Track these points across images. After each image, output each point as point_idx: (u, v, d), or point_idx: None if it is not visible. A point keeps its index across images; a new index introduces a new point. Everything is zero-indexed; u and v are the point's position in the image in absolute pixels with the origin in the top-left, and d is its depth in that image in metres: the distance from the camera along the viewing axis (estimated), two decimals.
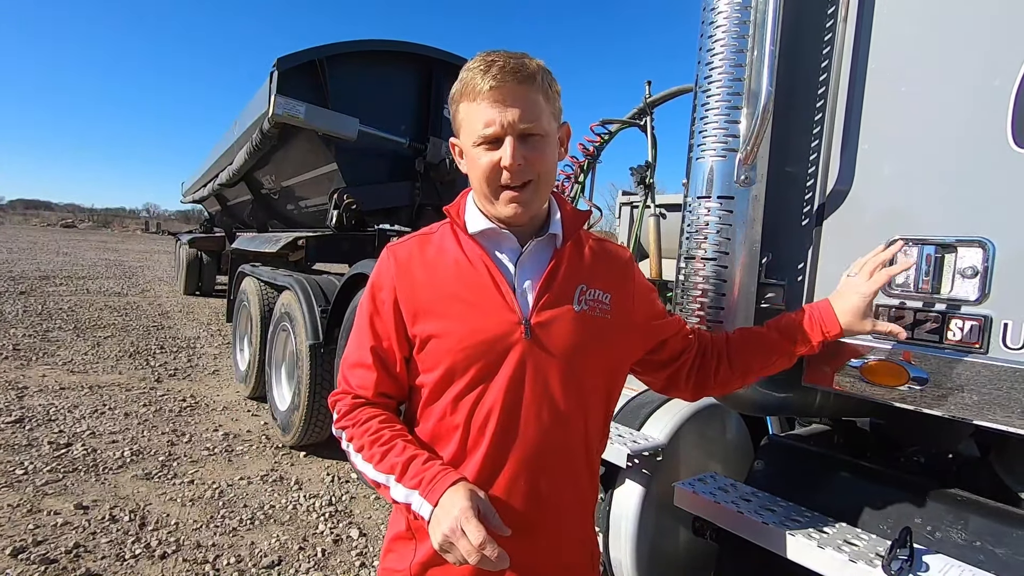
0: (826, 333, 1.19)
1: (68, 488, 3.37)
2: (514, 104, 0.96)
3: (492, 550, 0.82)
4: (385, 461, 0.98)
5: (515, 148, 0.97)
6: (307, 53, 4.30)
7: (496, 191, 1.01)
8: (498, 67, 0.96)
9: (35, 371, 5.76)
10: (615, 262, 1.16)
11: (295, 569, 2.77)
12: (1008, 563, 1.19)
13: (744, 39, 1.39)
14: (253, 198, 7.13)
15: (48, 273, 15.07)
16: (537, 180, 1.01)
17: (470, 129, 1.00)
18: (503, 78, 0.96)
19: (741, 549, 1.45)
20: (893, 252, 1.20)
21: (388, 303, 1.06)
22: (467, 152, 1.04)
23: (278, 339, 4.66)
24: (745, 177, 1.40)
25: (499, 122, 0.96)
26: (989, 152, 1.14)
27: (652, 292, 1.22)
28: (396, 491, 0.96)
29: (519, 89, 0.97)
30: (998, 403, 1.10)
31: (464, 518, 0.84)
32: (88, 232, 56.98)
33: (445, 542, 0.86)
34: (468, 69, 1.00)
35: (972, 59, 1.18)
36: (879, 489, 1.43)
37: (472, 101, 0.98)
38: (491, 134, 0.97)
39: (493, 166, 0.98)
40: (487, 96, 0.96)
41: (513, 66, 0.97)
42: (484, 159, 0.99)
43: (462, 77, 1.00)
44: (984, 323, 1.13)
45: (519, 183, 0.99)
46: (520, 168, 0.98)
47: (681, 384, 1.26)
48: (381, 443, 1.00)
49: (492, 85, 0.95)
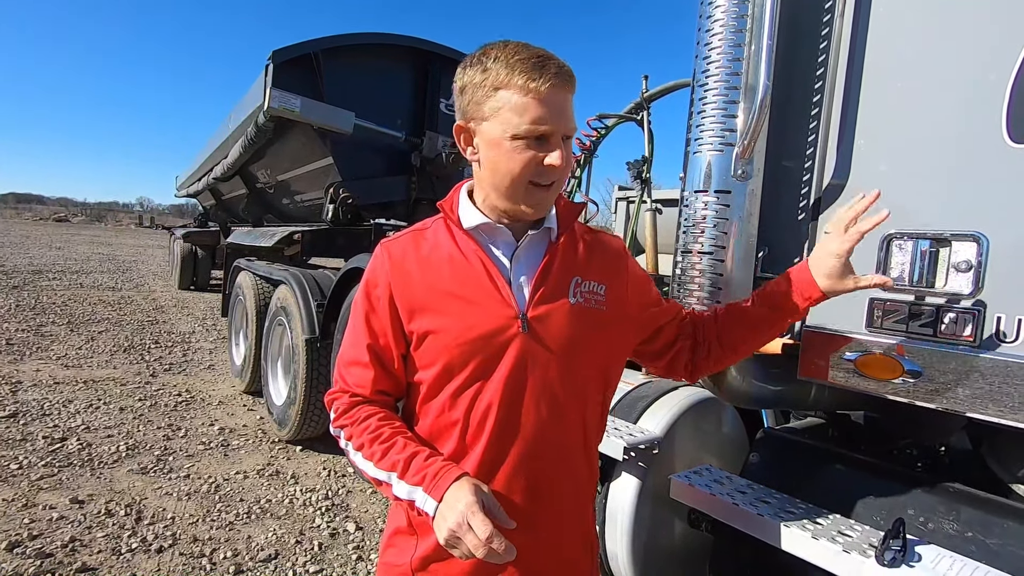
0: (809, 299, 1.16)
1: (63, 483, 3.37)
2: (566, 107, 0.97)
3: (499, 543, 0.82)
4: (386, 459, 0.97)
5: (563, 151, 0.97)
6: (302, 46, 4.27)
7: (527, 187, 0.99)
8: (555, 66, 0.95)
9: (29, 366, 5.74)
10: (609, 253, 1.16)
11: (292, 563, 2.77)
12: (999, 553, 1.20)
13: (741, 34, 1.39)
14: (248, 192, 7.09)
15: (41, 267, 14.96)
16: (562, 180, 1.02)
17: (510, 121, 0.95)
18: (560, 80, 0.95)
19: (736, 540, 1.47)
20: (868, 203, 1.11)
21: (384, 300, 1.05)
22: (498, 143, 0.98)
23: (274, 334, 4.65)
24: (742, 171, 1.41)
25: (553, 123, 0.95)
26: (984, 147, 1.15)
27: (647, 281, 1.22)
28: (399, 488, 0.95)
29: (568, 95, 0.98)
30: (990, 396, 1.12)
31: (470, 513, 0.85)
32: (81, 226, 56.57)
33: (452, 537, 0.86)
34: (511, 58, 0.95)
35: (967, 54, 1.18)
36: (872, 481, 1.45)
37: (519, 93, 0.94)
38: (542, 131, 0.95)
39: (535, 162, 0.97)
40: (543, 94, 0.94)
41: (566, 70, 0.97)
42: (525, 154, 0.96)
43: (499, 63, 0.96)
44: (977, 317, 1.14)
45: (550, 182, 1.00)
46: (562, 170, 0.98)
47: (680, 368, 1.26)
48: (381, 441, 0.99)
49: (552, 84, 0.94)
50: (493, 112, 0.97)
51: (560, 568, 1.10)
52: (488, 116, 0.98)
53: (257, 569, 2.70)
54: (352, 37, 4.53)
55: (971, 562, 1.16)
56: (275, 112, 4.07)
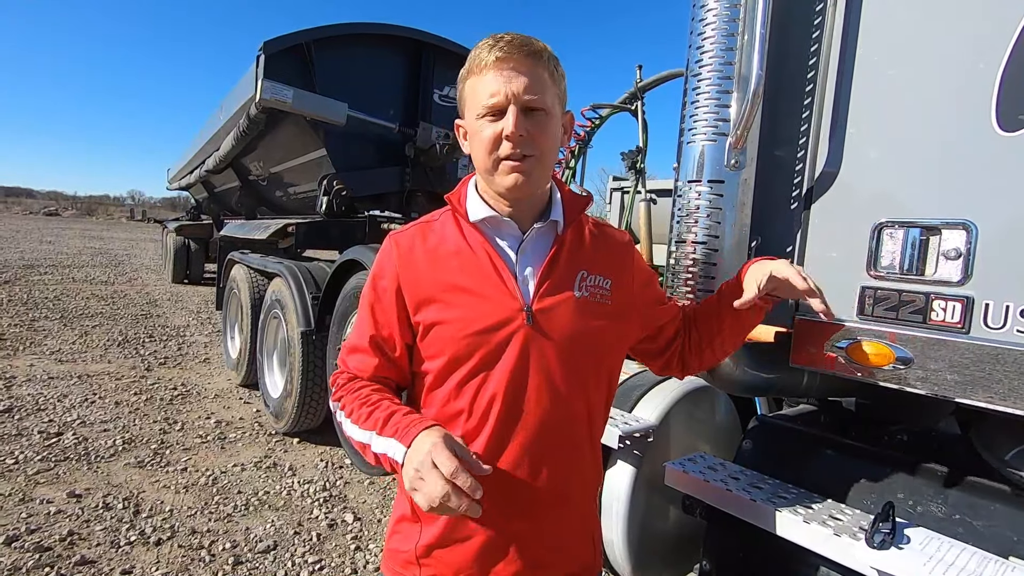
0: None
1: (60, 477, 3.37)
2: (520, 75, 0.97)
3: (464, 479, 0.80)
4: (369, 419, 0.98)
5: (518, 117, 0.97)
6: (294, 36, 4.23)
7: (496, 162, 1.00)
8: (505, 41, 0.97)
9: (22, 361, 5.71)
10: (615, 247, 1.17)
11: (290, 553, 2.79)
12: (985, 534, 1.23)
13: (735, 23, 1.39)
14: (241, 184, 7.04)
15: (32, 262, 14.83)
16: (539, 157, 1.01)
17: (474, 103, 1.00)
18: (510, 50, 0.97)
19: (729, 526, 1.49)
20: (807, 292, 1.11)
21: (390, 291, 1.06)
22: (470, 128, 1.03)
23: (269, 326, 4.64)
24: (735, 161, 1.41)
25: (504, 92, 0.96)
26: (974, 135, 1.16)
27: (653, 277, 1.23)
28: (376, 444, 0.95)
29: (526, 62, 0.97)
30: (979, 382, 1.13)
31: (435, 451, 0.83)
32: (72, 220, 56.04)
33: (415, 479, 0.84)
34: (476, 48, 1.00)
35: (958, 43, 1.19)
36: (863, 466, 1.47)
37: (478, 75, 0.99)
38: (495, 104, 0.97)
39: (496, 136, 0.98)
40: (492, 66, 0.97)
41: (521, 41, 0.98)
42: (487, 131, 0.98)
43: (470, 56, 1.01)
44: (967, 304, 1.15)
45: (520, 156, 0.99)
46: (522, 139, 0.97)
47: (675, 366, 1.29)
48: (368, 404, 1.00)
49: (498, 56, 0.96)
50: (465, 101, 1.04)
51: (563, 557, 1.11)
52: (465, 106, 1.04)
53: (256, 560, 2.72)
54: (344, 27, 4.49)
55: (958, 543, 1.19)
56: (267, 103, 4.03)
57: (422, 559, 1.07)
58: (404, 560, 1.09)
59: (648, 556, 1.92)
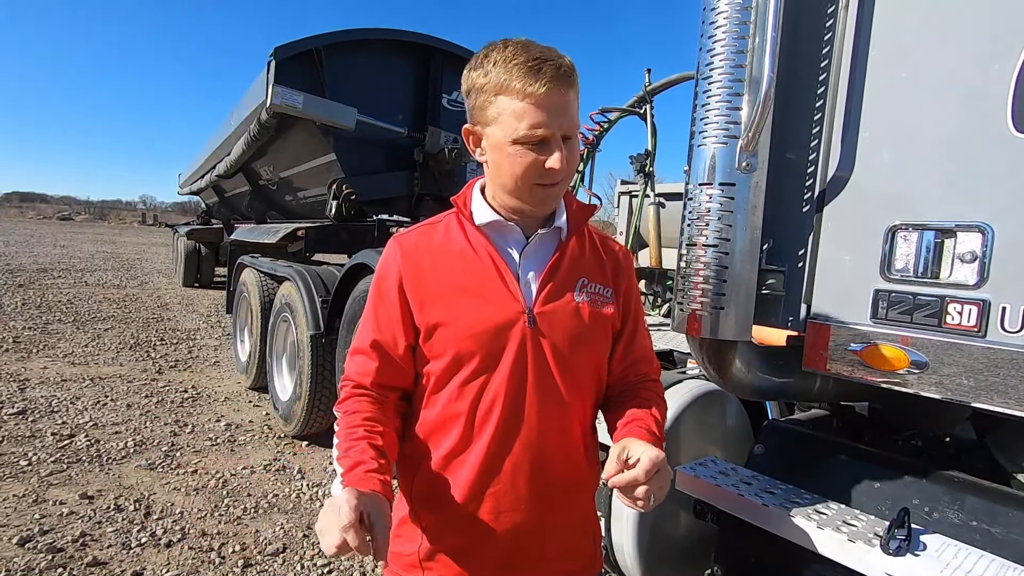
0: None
1: (73, 478, 3.40)
2: (563, 110, 0.97)
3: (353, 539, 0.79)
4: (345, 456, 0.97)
5: (563, 152, 0.97)
6: (305, 42, 4.27)
7: (532, 188, 1.01)
8: (551, 69, 0.94)
9: (36, 363, 5.78)
10: (617, 261, 1.18)
11: (300, 556, 2.80)
12: (1003, 541, 1.21)
13: (746, 26, 1.39)
14: (251, 189, 7.10)
15: (46, 266, 15.03)
16: (568, 177, 1.03)
17: (510, 126, 0.97)
18: (555, 84, 0.94)
19: (741, 531, 1.48)
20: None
21: (393, 291, 1.07)
22: (501, 147, 1.00)
23: (279, 330, 4.67)
24: (746, 164, 1.40)
25: (551, 126, 0.96)
26: (989, 137, 1.14)
27: (639, 311, 1.21)
28: (335, 485, 0.95)
29: (567, 94, 0.97)
30: (996, 386, 1.12)
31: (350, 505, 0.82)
32: (85, 225, 56.73)
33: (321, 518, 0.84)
34: (508, 62, 0.96)
35: (972, 45, 1.18)
36: (877, 471, 1.45)
37: (517, 99, 0.95)
38: (540, 135, 0.96)
39: (537, 165, 0.98)
40: (538, 98, 0.94)
41: (563, 70, 0.96)
42: (526, 158, 0.98)
43: (498, 68, 0.97)
44: (983, 307, 1.14)
45: (553, 182, 1.01)
46: (564, 170, 0.99)
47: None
48: (352, 439, 1.00)
49: (548, 88, 0.94)
50: (495, 117, 0.99)
51: (564, 555, 1.12)
52: (491, 121, 1.00)
53: (266, 563, 2.73)
54: (353, 33, 4.53)
55: (975, 550, 1.17)
56: (277, 109, 4.08)
57: (425, 562, 1.08)
58: (407, 563, 1.10)
59: (658, 561, 1.91)
